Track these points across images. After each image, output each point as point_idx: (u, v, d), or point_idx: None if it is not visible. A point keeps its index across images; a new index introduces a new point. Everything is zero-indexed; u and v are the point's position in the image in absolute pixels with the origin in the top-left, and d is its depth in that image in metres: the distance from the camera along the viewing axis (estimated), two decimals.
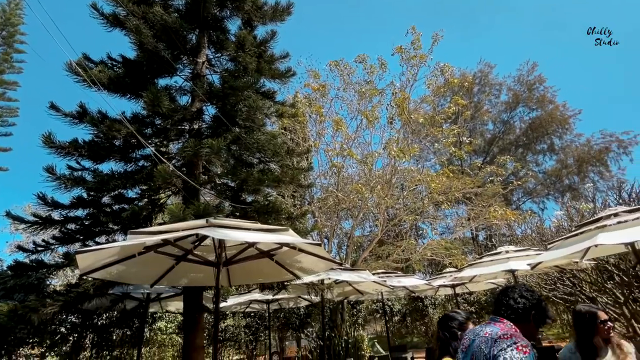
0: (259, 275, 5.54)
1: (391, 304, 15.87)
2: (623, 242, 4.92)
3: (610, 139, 25.33)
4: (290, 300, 10.34)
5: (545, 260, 6.25)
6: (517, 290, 1.75)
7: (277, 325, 14.63)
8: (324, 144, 11.64)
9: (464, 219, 16.11)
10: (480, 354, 1.59)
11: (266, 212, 5.61)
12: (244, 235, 3.50)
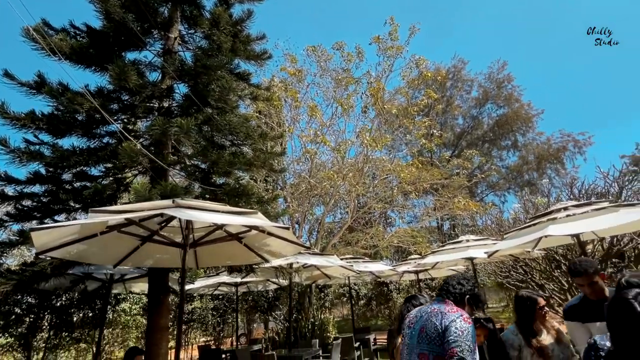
0: (227, 258, 5.51)
1: (357, 288, 16.33)
2: (569, 234, 5.30)
3: (568, 139, 26.93)
4: (259, 284, 10.39)
5: (501, 249, 6.62)
6: (455, 279, 2.02)
7: (246, 308, 14.69)
8: (299, 129, 11.59)
9: (431, 209, 16.70)
10: (431, 325, 1.78)
11: (236, 195, 5.54)
12: (212, 217, 3.45)
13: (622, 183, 9.06)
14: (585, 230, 5.12)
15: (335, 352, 6.97)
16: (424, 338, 1.79)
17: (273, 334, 10.94)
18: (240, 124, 5.68)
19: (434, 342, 1.74)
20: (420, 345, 1.80)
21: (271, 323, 14.73)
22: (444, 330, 1.72)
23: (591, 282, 2.33)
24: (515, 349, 2.55)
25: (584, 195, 9.47)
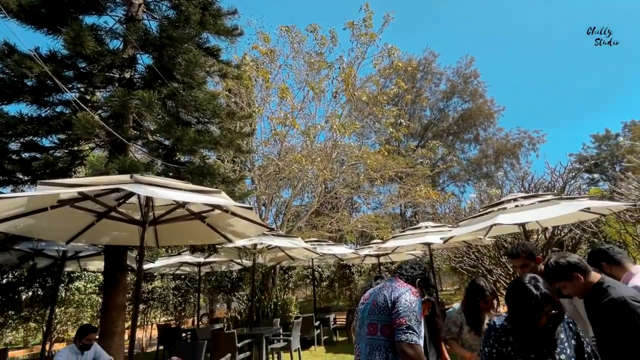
0: (189, 237, 5.40)
1: (321, 270, 16.67)
2: (517, 223, 5.70)
3: (524, 136, 28.55)
4: (223, 264, 10.32)
5: (456, 235, 7.00)
6: (409, 263, 2.13)
7: (209, 288, 14.57)
8: (269, 111, 11.39)
9: (395, 196, 17.23)
10: (381, 297, 1.87)
11: (201, 174, 5.40)
12: (174, 195, 3.35)
13: (566, 179, 9.80)
14: (530, 220, 5.51)
15: (295, 331, 7.13)
16: (374, 310, 1.85)
17: (235, 314, 10.97)
18: (207, 101, 5.49)
19: (383, 313, 1.80)
20: (371, 317, 1.86)
21: (234, 303, 14.74)
22: (393, 302, 1.78)
23: (524, 264, 2.50)
24: (457, 326, 2.76)
25: (533, 189, 10.16)
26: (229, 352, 5.00)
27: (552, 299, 1.59)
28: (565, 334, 1.64)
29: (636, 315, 1.64)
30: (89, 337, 3.80)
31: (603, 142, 36.50)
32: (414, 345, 1.63)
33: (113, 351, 4.76)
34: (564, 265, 1.94)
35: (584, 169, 26.19)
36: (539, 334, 1.57)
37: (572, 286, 1.94)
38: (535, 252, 2.56)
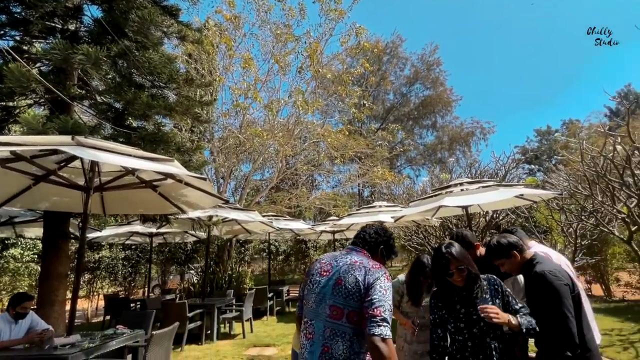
0: (140, 206, 5.18)
1: (277, 244, 16.85)
2: (460, 205, 6.11)
3: (477, 125, 30.16)
4: (177, 235, 10.06)
5: (406, 215, 7.37)
6: (373, 228, 1.97)
7: (161, 259, 14.19)
8: (231, 81, 10.91)
9: (354, 175, 17.60)
10: (352, 279, 1.64)
11: (154, 141, 5.11)
12: (122, 160, 3.16)
13: (508, 168, 10.58)
14: (472, 203, 5.92)
15: (248, 301, 7.23)
16: (341, 291, 1.62)
17: (189, 285, 10.84)
18: (162, 64, 5.13)
19: (352, 297, 1.60)
20: (335, 298, 1.63)
21: (188, 275, 14.54)
22: (367, 287, 1.58)
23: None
24: (399, 295, 2.98)
25: (479, 175, 10.87)
26: (179, 322, 4.97)
27: (457, 259, 1.83)
28: (490, 294, 1.86)
29: (549, 287, 1.88)
30: (24, 306, 3.58)
31: (544, 136, 39.63)
32: (388, 340, 1.48)
33: (53, 320, 4.53)
34: (504, 244, 2.14)
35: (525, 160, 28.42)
36: (460, 294, 1.80)
37: (510, 263, 2.14)
38: (472, 242, 2.71)
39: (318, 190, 21.21)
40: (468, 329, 1.80)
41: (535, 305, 1.99)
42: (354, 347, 1.58)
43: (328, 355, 1.57)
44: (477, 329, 1.78)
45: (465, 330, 1.80)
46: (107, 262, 11.32)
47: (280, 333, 7.12)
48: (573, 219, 8.12)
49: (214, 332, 6.67)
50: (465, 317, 1.83)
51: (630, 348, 4.99)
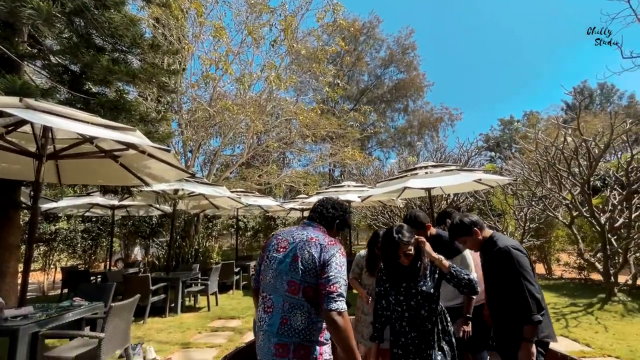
0: (100, 177, 4.92)
1: (246, 220, 16.77)
2: (424, 187, 6.35)
3: (445, 112, 30.96)
4: (141, 209, 9.72)
5: (373, 195, 7.55)
6: (330, 203, 1.95)
7: (124, 233, 13.71)
8: (202, 50, 10.37)
9: (325, 155, 17.65)
10: (308, 256, 1.67)
11: (115, 109, 4.81)
12: (78, 127, 2.96)
13: (471, 154, 11.04)
14: (434, 186, 6.17)
15: (213, 276, 7.21)
16: (298, 267, 1.66)
17: (153, 259, 10.62)
18: (125, 26, 4.77)
19: (308, 274, 1.64)
20: (292, 274, 1.67)
21: (153, 249, 14.20)
22: (323, 264, 1.63)
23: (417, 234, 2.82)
24: (359, 268, 3.14)
25: (444, 160, 11.28)
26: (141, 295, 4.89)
27: (406, 244, 2.00)
28: (429, 271, 2.08)
29: (515, 261, 2.03)
30: None
31: (507, 126, 41.49)
32: (344, 313, 1.57)
33: (4, 293, 4.31)
34: (467, 223, 2.26)
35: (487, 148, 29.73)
36: (404, 271, 1.95)
37: (472, 240, 2.27)
38: (424, 223, 2.80)
39: (289, 168, 21.12)
40: (406, 301, 2.03)
41: (500, 278, 2.13)
42: (312, 317, 1.66)
43: (287, 327, 1.64)
44: (414, 302, 2.01)
45: (404, 303, 2.03)
46: (65, 234, 10.76)
47: (246, 306, 7.21)
48: (524, 204, 8.70)
49: (178, 305, 6.63)
50: (406, 291, 2.04)
51: (562, 319, 5.55)
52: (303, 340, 1.63)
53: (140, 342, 4.51)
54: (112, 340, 3.31)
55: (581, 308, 6.08)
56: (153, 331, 5.51)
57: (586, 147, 6.55)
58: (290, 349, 1.62)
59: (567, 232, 8.67)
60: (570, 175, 6.86)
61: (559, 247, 10.14)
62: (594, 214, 6.48)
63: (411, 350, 1.97)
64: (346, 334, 1.56)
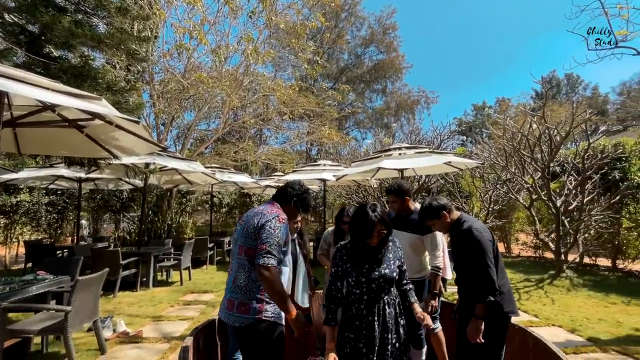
0: (63, 148, 4.64)
1: (221, 196, 16.55)
2: (396, 168, 6.48)
3: (422, 95, 31.24)
4: (110, 182, 9.34)
5: (348, 174, 7.63)
6: (290, 184, 2.19)
7: (93, 207, 13.21)
8: (175, 18, 9.76)
9: (303, 133, 17.50)
10: (252, 223, 1.94)
11: (79, 76, 4.50)
12: (37, 93, 2.75)
13: (444, 137, 11.31)
14: (407, 167, 6.32)
15: (186, 250, 7.16)
16: (244, 233, 1.93)
17: (124, 234, 10.35)
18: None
19: (250, 237, 1.89)
20: (241, 239, 1.94)
21: (124, 224, 13.80)
22: (259, 228, 1.86)
23: (394, 200, 2.88)
24: (327, 244, 3.24)
25: (418, 142, 11.48)
26: (110, 269, 4.80)
27: (384, 221, 1.90)
28: (392, 254, 1.98)
29: (476, 242, 2.13)
30: None
31: (479, 111, 42.61)
32: (269, 267, 1.74)
33: None
34: (436, 206, 2.33)
35: (459, 132, 30.51)
36: (369, 252, 1.90)
37: (440, 223, 2.36)
38: (407, 193, 2.85)
39: (266, 145, 20.83)
40: (367, 283, 1.86)
41: (463, 257, 2.26)
42: (252, 276, 1.89)
43: (235, 285, 1.93)
44: (375, 285, 1.86)
45: (364, 285, 1.86)
46: (28, 207, 10.21)
47: (219, 280, 7.24)
48: (490, 186, 9.11)
49: (150, 279, 6.57)
50: (367, 273, 1.88)
51: (516, 293, 5.99)
52: (244, 297, 1.88)
53: (110, 316, 4.46)
54: (79, 314, 3.26)
55: (533, 283, 6.58)
56: (124, 305, 5.45)
57: (549, 135, 6.88)
58: (235, 304, 1.90)
59: (526, 214, 9.20)
60: (532, 161, 7.22)
61: (518, 228, 10.78)
62: (551, 198, 6.90)
63: (365, 335, 1.83)
64: (272, 285, 1.76)
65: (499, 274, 2.18)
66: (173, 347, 3.75)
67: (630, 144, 7.54)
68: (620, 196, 7.11)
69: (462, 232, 2.22)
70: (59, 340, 3.73)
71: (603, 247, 7.93)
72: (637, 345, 3.70)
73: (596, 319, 4.58)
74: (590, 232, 7.51)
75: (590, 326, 4.33)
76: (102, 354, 3.57)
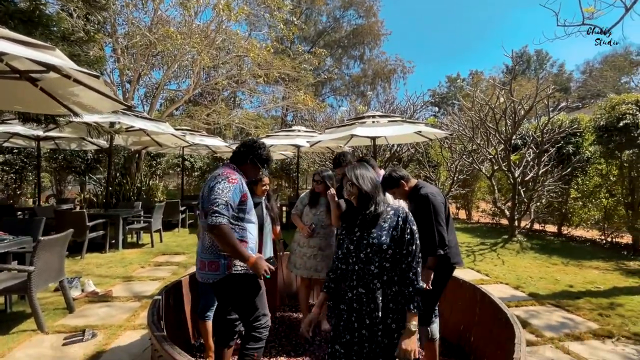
0: (15, 102, 4.26)
1: (193, 160, 16.11)
2: (369, 136, 6.52)
3: (399, 63, 30.88)
4: (72, 142, 8.79)
5: (321, 140, 7.61)
6: (243, 143, 2.24)
7: (55, 167, 12.47)
8: None
9: (277, 98, 17.01)
10: (206, 186, 2.01)
11: (29, 21, 4.04)
12: None
13: (417, 107, 11.41)
14: (379, 135, 6.37)
15: (157, 213, 7.02)
16: (203, 197, 2.00)
17: (90, 195, 9.94)
18: None
19: (205, 200, 1.96)
20: (201, 203, 2.03)
21: (90, 186, 13.19)
22: (210, 190, 1.93)
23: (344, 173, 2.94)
24: (303, 205, 3.33)
25: (392, 111, 11.52)
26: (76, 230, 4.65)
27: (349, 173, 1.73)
28: (388, 224, 1.66)
29: (431, 205, 2.34)
30: None
31: (453, 83, 42.96)
32: (218, 225, 1.78)
33: None
34: (395, 177, 2.48)
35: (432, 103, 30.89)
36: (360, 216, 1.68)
37: (399, 191, 2.52)
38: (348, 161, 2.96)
39: (240, 109, 20.12)
40: (356, 252, 1.65)
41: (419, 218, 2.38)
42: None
43: (202, 247, 2.05)
44: (364, 255, 1.63)
45: (354, 254, 1.66)
46: None
47: (191, 243, 7.24)
48: (456, 157, 9.43)
49: (119, 241, 6.44)
50: (357, 240, 1.67)
51: (472, 255, 6.45)
52: (212, 257, 1.99)
53: (78, 276, 4.39)
54: (44, 274, 3.18)
55: (488, 247, 7.09)
56: (92, 266, 5.36)
57: (513, 109, 7.11)
58: (205, 264, 2.01)
59: (487, 184, 9.70)
60: (497, 133, 7.50)
61: (479, 197, 11.39)
62: (510, 168, 7.28)
63: (355, 308, 1.63)
64: (223, 240, 1.83)
65: (449, 231, 2.43)
66: (144, 306, 3.79)
67: (585, 120, 7.97)
68: (571, 169, 7.63)
69: (419, 197, 2.43)
70: (24, 299, 3.65)
71: (552, 214, 8.59)
72: (569, 299, 4.17)
73: (538, 278, 5.07)
74: (542, 201, 8.08)
75: (532, 283, 4.79)
76: (70, 313, 3.54)
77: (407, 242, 1.62)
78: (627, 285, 4.70)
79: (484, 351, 2.64)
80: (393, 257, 1.63)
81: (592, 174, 7.73)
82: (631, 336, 3.22)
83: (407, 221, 1.65)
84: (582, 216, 7.97)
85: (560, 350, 2.97)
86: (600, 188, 7.54)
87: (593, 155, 7.68)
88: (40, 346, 2.86)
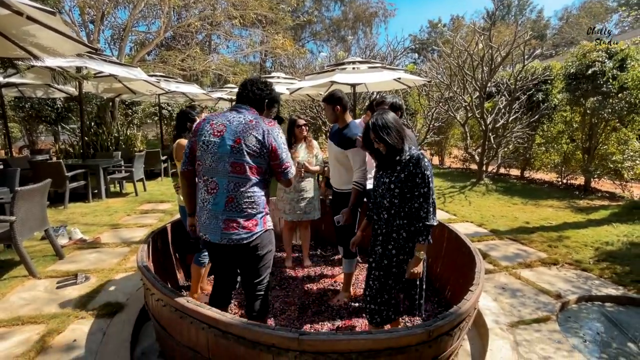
0: None
1: (171, 108, 15.31)
2: (349, 83, 6.32)
3: (381, 6, 29.03)
4: (38, 89, 8.07)
5: (302, 87, 7.31)
6: (256, 85, 1.85)
7: (23, 117, 11.58)
8: None
9: (255, 42, 15.87)
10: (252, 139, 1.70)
11: None
12: None
13: (397, 54, 10.99)
14: (359, 82, 6.18)
15: (138, 163, 6.80)
16: (242, 149, 1.68)
17: (66, 146, 9.42)
18: None
19: (253, 156, 1.70)
20: (235, 155, 1.68)
21: (64, 136, 12.44)
22: (271, 149, 1.73)
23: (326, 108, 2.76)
24: None
25: (372, 57, 11.06)
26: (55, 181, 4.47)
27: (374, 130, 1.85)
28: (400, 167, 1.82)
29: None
30: None
31: (434, 28, 41.14)
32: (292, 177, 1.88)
33: None
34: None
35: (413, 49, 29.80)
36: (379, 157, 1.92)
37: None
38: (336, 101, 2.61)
39: (216, 54, 18.76)
40: (378, 188, 1.90)
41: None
42: (256, 193, 1.76)
43: (234, 204, 1.71)
44: (380, 191, 1.88)
45: (377, 190, 1.91)
46: None
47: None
48: (433, 105, 9.39)
49: (102, 191, 6.29)
50: (379, 179, 1.91)
51: (442, 197, 6.76)
52: (250, 214, 1.74)
53: (64, 225, 4.32)
54: (27, 223, 3.11)
55: (457, 189, 7.42)
56: (77, 215, 5.27)
57: (490, 55, 6.98)
58: (240, 222, 1.71)
59: (461, 131, 9.84)
60: (473, 80, 7.42)
61: (453, 143, 11.62)
62: (483, 116, 7.36)
63: (376, 230, 1.97)
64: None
65: None
66: (133, 250, 3.83)
67: (557, 67, 7.96)
68: (539, 116, 7.79)
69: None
70: (10, 248, 3.60)
71: (517, 159, 8.95)
72: (525, 234, 4.53)
73: (500, 216, 5.43)
74: (509, 146, 8.35)
75: (494, 221, 5.14)
76: (60, 259, 3.55)
77: (418, 185, 1.78)
78: (575, 221, 5.13)
79: (448, 279, 2.89)
80: (401, 196, 1.82)
81: (557, 121, 7.93)
82: (573, 263, 3.60)
83: (418, 166, 1.78)
84: (544, 160, 8.34)
85: (512, 276, 3.30)
86: (563, 134, 7.80)
87: (560, 103, 7.81)
88: (34, 290, 2.89)
